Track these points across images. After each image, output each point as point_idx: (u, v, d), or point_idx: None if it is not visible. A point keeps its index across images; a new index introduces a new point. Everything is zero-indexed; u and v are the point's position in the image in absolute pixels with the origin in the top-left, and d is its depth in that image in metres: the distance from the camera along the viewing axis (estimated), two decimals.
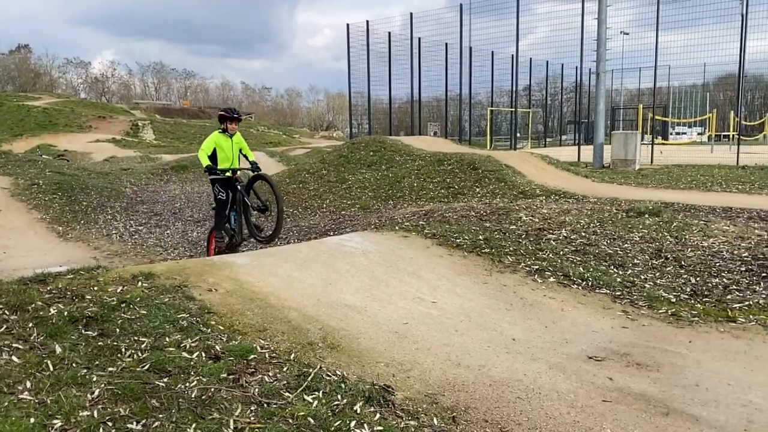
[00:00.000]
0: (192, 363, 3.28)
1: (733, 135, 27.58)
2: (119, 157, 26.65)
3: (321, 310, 4.25)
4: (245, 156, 7.32)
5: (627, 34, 26.25)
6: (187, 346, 3.48)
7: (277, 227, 6.89)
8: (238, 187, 7.09)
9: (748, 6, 19.05)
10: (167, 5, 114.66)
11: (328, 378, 3.24)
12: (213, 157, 7.09)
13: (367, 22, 26.86)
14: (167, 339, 3.54)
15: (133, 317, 3.76)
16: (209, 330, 3.73)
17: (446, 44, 26.85)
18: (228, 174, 7.05)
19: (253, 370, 3.31)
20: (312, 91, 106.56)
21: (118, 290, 4.16)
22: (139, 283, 4.34)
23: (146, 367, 3.16)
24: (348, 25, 26.99)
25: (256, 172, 7.14)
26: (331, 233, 8.69)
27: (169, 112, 50.37)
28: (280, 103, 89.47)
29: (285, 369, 3.33)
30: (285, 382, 3.18)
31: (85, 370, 3.05)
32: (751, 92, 44.62)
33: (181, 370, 3.20)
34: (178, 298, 4.19)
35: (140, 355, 3.30)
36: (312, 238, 8.52)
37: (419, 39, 27.02)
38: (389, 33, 27.18)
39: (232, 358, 3.38)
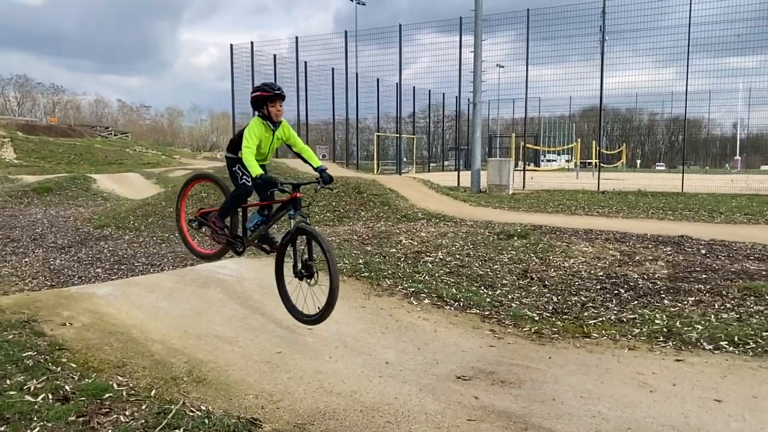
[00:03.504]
0: (36, 407, 2.98)
1: (595, 162, 30.22)
2: None
3: (188, 341, 4.05)
4: (304, 159, 4.87)
5: (502, 67, 28.06)
6: (32, 388, 3.16)
7: (328, 303, 4.21)
8: (295, 213, 4.50)
9: (605, 46, 21.12)
10: (31, 15, 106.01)
11: (191, 414, 3.08)
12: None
13: (252, 43, 26.65)
14: (8, 381, 3.20)
15: None
16: (59, 369, 3.42)
17: (333, 69, 27.20)
18: (284, 187, 4.54)
19: (107, 410, 3.07)
20: (195, 111, 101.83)
21: None
22: None
23: None
24: (231, 45, 26.58)
25: (324, 185, 4.68)
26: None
27: (34, 130, 46.23)
28: (160, 122, 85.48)
29: (144, 407, 3.12)
30: (143, 421, 2.97)
31: None
32: (611, 123, 49.16)
33: (22, 415, 2.90)
34: (25, 334, 3.81)
35: None
36: (188, 265, 8.15)
37: (305, 63, 27.16)
38: (275, 55, 27.07)
39: (83, 399, 3.12)
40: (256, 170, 4.44)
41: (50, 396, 3.11)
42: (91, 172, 24.65)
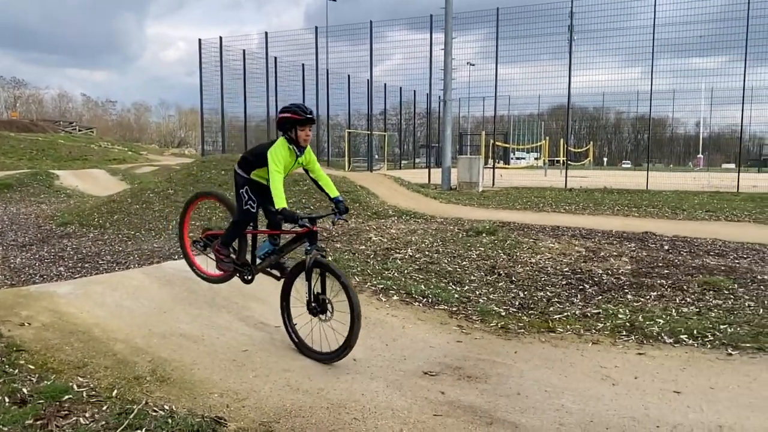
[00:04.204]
0: None
1: (563, 160, 30.65)
2: None
3: (152, 340, 3.98)
4: (320, 186, 4.54)
5: (473, 65, 28.25)
6: None
7: (348, 341, 3.96)
8: (311, 248, 4.17)
9: (573, 45, 21.43)
10: None
11: (154, 414, 3.03)
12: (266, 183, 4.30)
13: (221, 38, 26.30)
14: None
15: None
16: (16, 371, 3.34)
17: (303, 65, 27.02)
18: (305, 222, 4.13)
19: (66, 412, 3.00)
20: (162, 106, 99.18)
21: None
22: None
23: None
24: (200, 40, 26.18)
25: (340, 217, 4.45)
26: (176, 257, 8.24)
27: None
28: (127, 118, 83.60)
29: (105, 408, 3.06)
30: (104, 422, 2.92)
31: None
32: (578, 122, 49.91)
33: None
34: None
35: None
36: (154, 262, 8.01)
37: (275, 58, 26.93)
38: (244, 51, 26.77)
39: (42, 401, 3.04)
40: (281, 202, 4.06)
41: (7, 399, 3.03)
42: (54, 168, 24.01)
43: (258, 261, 4.60)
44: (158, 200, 12.48)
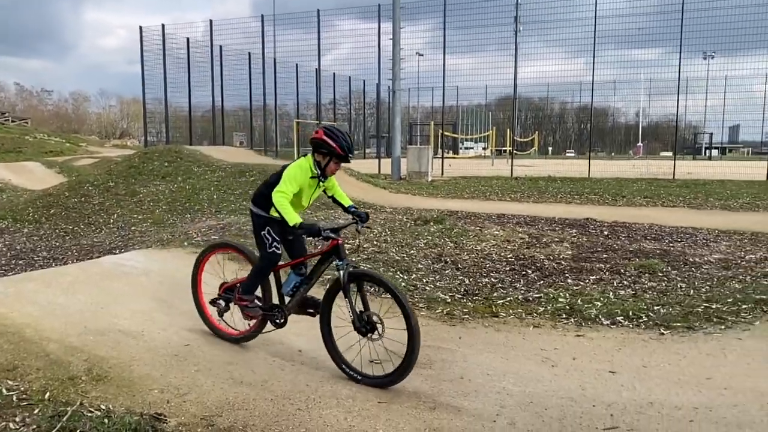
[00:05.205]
0: None
1: (509, 150, 31.23)
2: None
3: (88, 338, 3.85)
4: (335, 199, 4.20)
5: (422, 55, 28.40)
6: None
7: (409, 355, 3.53)
8: (342, 263, 3.82)
9: (519, 37, 21.83)
10: None
11: (89, 414, 2.93)
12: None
13: (163, 26, 25.55)
14: None
15: None
16: None
17: (249, 54, 26.51)
18: (329, 233, 3.73)
19: None
20: (103, 96, 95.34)
21: None
22: None
23: None
24: (141, 27, 25.32)
25: (363, 224, 4.06)
26: (117, 251, 7.98)
27: None
28: (64, 108, 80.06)
29: (37, 411, 2.94)
30: (35, 426, 2.81)
31: None
32: (524, 112, 50.96)
33: None
34: None
35: None
36: (94, 257, 7.74)
37: (221, 47, 26.34)
38: (188, 39, 26.06)
39: None
40: (294, 218, 3.66)
41: None
42: None
43: (287, 299, 4.16)
44: (98, 193, 12.05)
